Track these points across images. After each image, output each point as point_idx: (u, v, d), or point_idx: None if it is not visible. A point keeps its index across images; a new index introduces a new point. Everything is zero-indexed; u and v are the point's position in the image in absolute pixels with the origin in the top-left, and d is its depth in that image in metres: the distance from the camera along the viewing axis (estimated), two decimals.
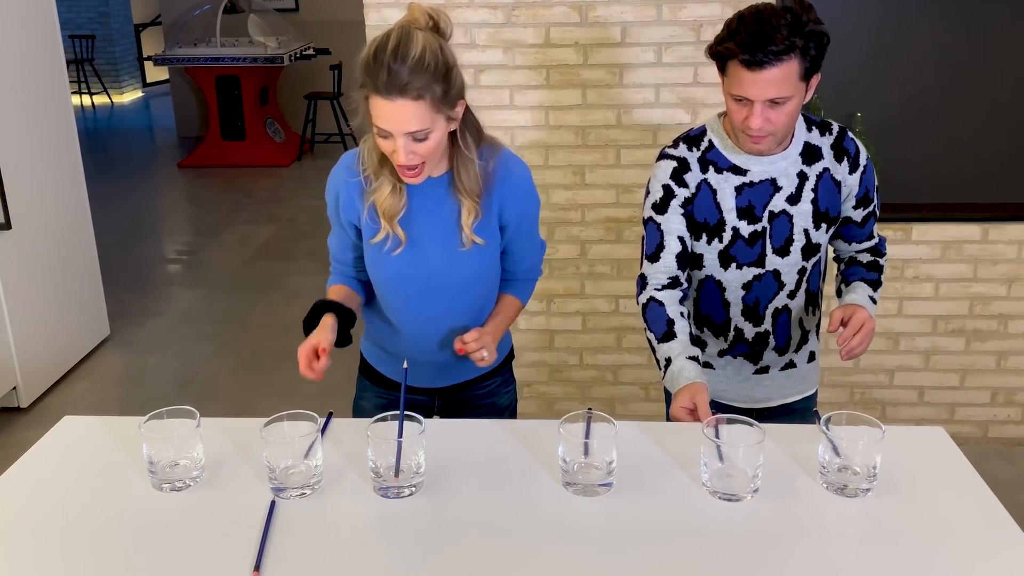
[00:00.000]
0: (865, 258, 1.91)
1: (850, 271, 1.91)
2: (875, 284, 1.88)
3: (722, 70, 1.65)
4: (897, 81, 2.92)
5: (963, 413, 3.18)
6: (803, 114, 1.78)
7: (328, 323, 1.67)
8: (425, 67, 1.51)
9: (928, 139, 2.97)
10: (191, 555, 1.32)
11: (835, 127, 1.81)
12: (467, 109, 1.65)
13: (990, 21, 2.86)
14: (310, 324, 1.69)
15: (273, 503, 1.43)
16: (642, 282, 1.82)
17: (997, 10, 2.84)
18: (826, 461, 1.47)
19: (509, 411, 1.98)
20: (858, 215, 1.85)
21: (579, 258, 3.05)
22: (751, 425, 1.46)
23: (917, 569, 1.28)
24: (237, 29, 7.99)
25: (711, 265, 1.81)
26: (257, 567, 1.28)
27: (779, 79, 1.58)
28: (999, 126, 2.95)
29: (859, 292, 1.84)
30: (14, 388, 3.61)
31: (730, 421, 1.48)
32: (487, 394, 1.90)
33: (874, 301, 1.85)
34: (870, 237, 1.90)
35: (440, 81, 1.53)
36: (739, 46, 1.57)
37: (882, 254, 1.92)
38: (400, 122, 1.53)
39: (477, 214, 1.68)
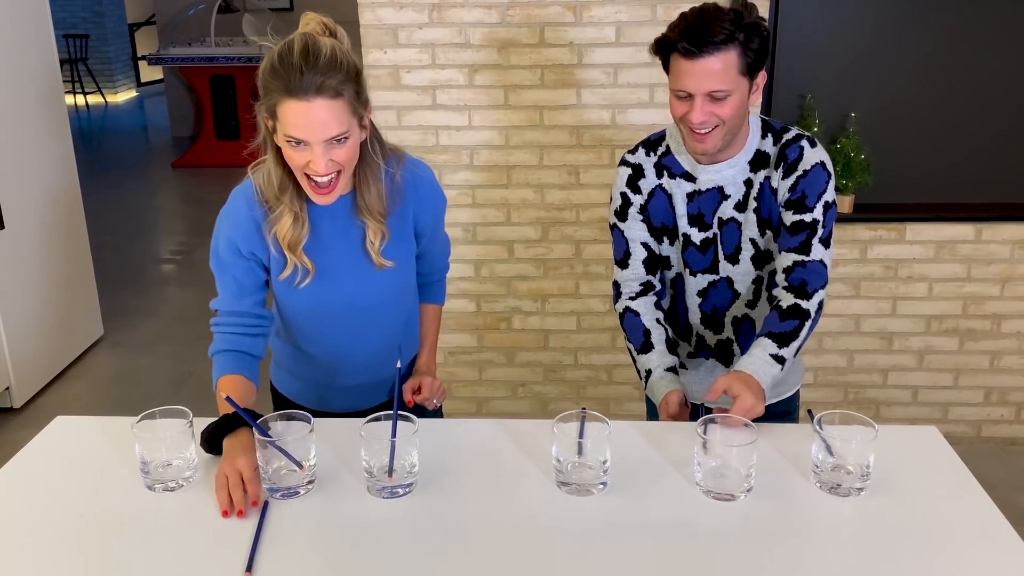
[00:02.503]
0: (786, 301, 1.67)
1: (765, 321, 1.70)
2: (787, 337, 1.65)
3: (666, 67, 1.64)
4: (891, 82, 2.93)
5: (956, 413, 3.19)
6: (765, 120, 1.75)
7: (248, 443, 1.45)
8: (338, 64, 1.46)
9: (922, 139, 2.98)
10: (184, 555, 1.32)
11: (790, 134, 1.72)
12: (370, 123, 1.61)
13: (983, 22, 2.86)
14: (219, 434, 1.49)
15: (266, 503, 1.43)
16: (616, 289, 1.85)
17: (990, 11, 2.85)
18: (819, 460, 1.47)
19: None
20: (788, 218, 1.70)
21: (573, 258, 3.05)
22: (745, 424, 1.46)
23: (910, 569, 1.28)
24: (231, 28, 7.98)
25: (677, 265, 1.83)
26: (249, 568, 1.28)
27: (718, 71, 1.56)
28: (992, 126, 2.96)
29: (756, 353, 1.65)
30: (7, 388, 3.60)
31: (723, 421, 1.48)
32: (412, 410, 1.80)
33: (780, 360, 1.64)
34: (802, 251, 1.68)
35: (353, 81, 1.48)
36: (679, 34, 1.56)
37: (809, 295, 1.66)
38: (319, 126, 1.44)
39: (384, 235, 1.62)
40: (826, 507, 1.42)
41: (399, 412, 1.48)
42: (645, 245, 1.81)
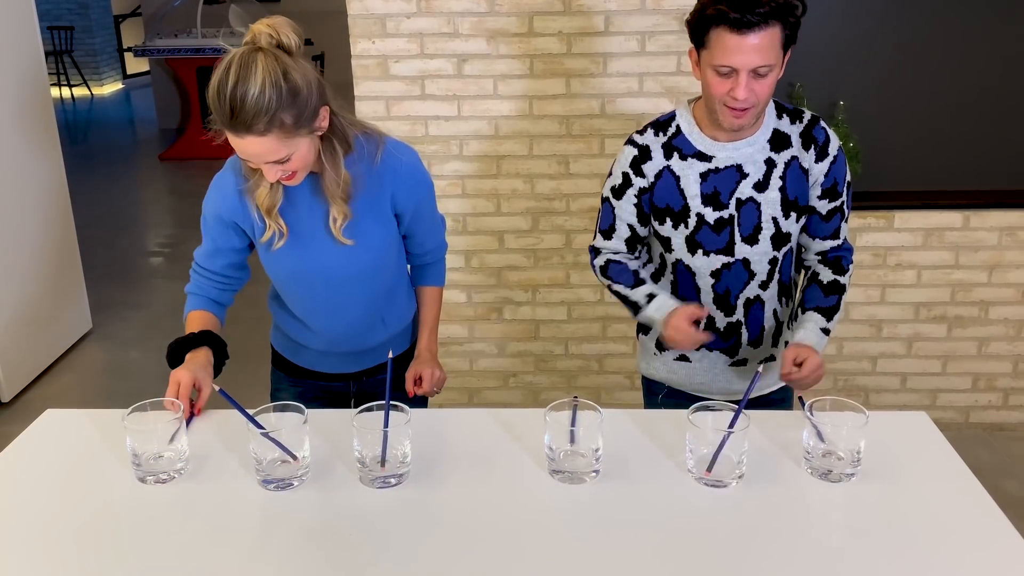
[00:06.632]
0: (826, 276, 1.84)
1: (808, 294, 1.85)
2: (831, 311, 1.81)
3: (702, 43, 1.63)
4: (879, 70, 2.93)
5: (945, 399, 3.21)
6: (776, 101, 1.77)
7: (201, 360, 1.68)
8: (267, 102, 1.47)
9: (910, 127, 2.99)
10: (177, 547, 1.32)
11: (807, 115, 1.78)
12: (333, 115, 1.62)
13: (972, 10, 2.87)
14: (180, 352, 1.69)
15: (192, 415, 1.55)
16: (595, 251, 1.89)
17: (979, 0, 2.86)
18: (810, 447, 1.47)
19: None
20: (823, 207, 1.79)
21: (564, 248, 3.05)
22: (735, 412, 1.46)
23: (901, 554, 1.29)
24: (218, 20, 7.93)
25: (679, 249, 1.81)
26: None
27: (764, 46, 1.57)
28: (980, 114, 2.97)
29: (810, 327, 1.79)
30: None
31: (715, 408, 1.48)
32: (399, 378, 1.90)
33: (827, 332, 1.80)
34: (835, 236, 1.83)
35: (287, 109, 1.49)
36: (728, 5, 1.55)
37: (845, 270, 1.84)
38: (254, 155, 1.54)
39: (346, 216, 1.67)
40: (817, 493, 1.43)
41: (391, 402, 1.48)
42: (631, 227, 1.83)
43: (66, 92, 10.61)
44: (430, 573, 1.26)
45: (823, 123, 1.78)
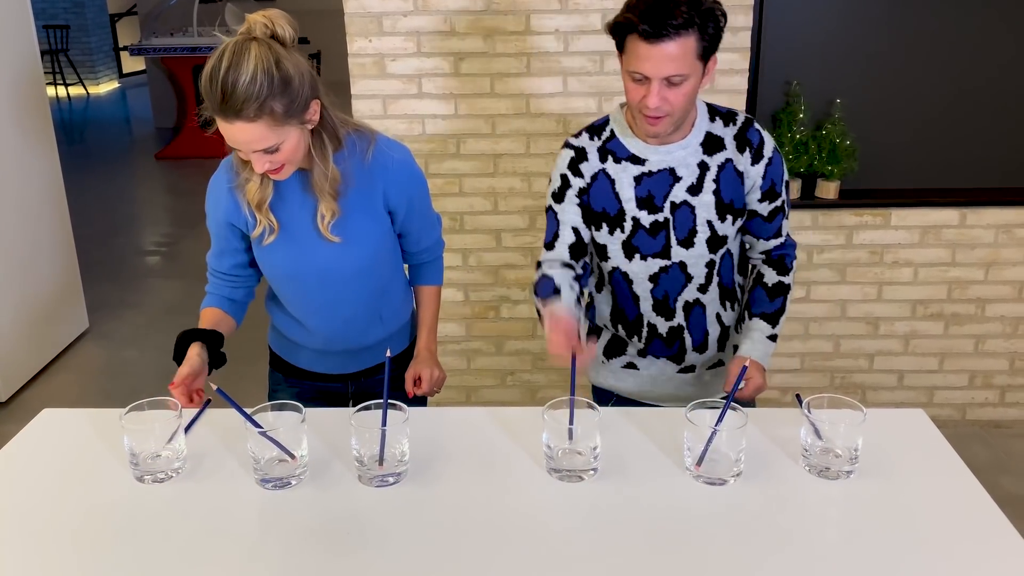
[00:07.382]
0: (771, 278, 1.84)
1: (754, 297, 1.85)
2: (777, 315, 1.82)
3: (621, 48, 1.63)
4: (876, 68, 2.94)
5: (942, 396, 3.21)
6: (708, 104, 1.76)
7: (192, 355, 1.67)
8: (258, 88, 1.48)
9: (907, 125, 2.99)
10: (174, 546, 1.32)
11: (740, 117, 1.76)
12: (323, 110, 1.63)
13: (968, 8, 2.87)
14: (180, 353, 1.70)
15: (207, 402, 1.64)
16: (538, 266, 1.84)
17: None
18: (808, 444, 1.48)
19: None
20: (764, 209, 1.79)
21: None
22: (734, 409, 1.47)
23: (898, 550, 1.29)
24: (214, 18, 7.92)
25: (616, 256, 1.80)
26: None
27: (676, 55, 1.56)
28: (976, 112, 2.97)
29: (756, 337, 1.80)
30: None
31: (714, 407, 1.48)
32: (397, 378, 1.90)
33: (773, 339, 1.80)
34: (778, 235, 1.83)
35: (278, 97, 1.51)
36: (639, 17, 1.55)
37: (788, 269, 1.85)
38: (243, 142, 1.55)
39: (334, 213, 1.67)
40: (815, 490, 1.43)
41: (389, 400, 1.48)
42: (575, 230, 1.80)
43: (62, 91, 10.60)
44: (428, 571, 1.26)
45: (757, 125, 1.77)
